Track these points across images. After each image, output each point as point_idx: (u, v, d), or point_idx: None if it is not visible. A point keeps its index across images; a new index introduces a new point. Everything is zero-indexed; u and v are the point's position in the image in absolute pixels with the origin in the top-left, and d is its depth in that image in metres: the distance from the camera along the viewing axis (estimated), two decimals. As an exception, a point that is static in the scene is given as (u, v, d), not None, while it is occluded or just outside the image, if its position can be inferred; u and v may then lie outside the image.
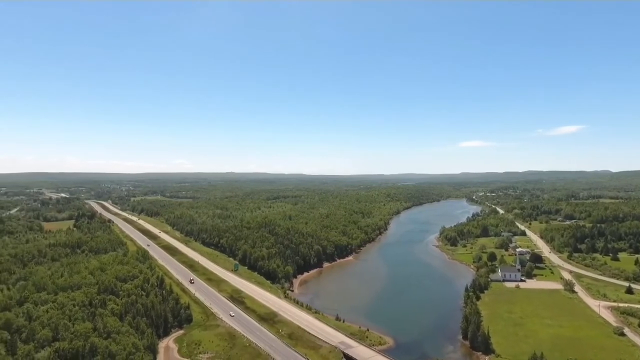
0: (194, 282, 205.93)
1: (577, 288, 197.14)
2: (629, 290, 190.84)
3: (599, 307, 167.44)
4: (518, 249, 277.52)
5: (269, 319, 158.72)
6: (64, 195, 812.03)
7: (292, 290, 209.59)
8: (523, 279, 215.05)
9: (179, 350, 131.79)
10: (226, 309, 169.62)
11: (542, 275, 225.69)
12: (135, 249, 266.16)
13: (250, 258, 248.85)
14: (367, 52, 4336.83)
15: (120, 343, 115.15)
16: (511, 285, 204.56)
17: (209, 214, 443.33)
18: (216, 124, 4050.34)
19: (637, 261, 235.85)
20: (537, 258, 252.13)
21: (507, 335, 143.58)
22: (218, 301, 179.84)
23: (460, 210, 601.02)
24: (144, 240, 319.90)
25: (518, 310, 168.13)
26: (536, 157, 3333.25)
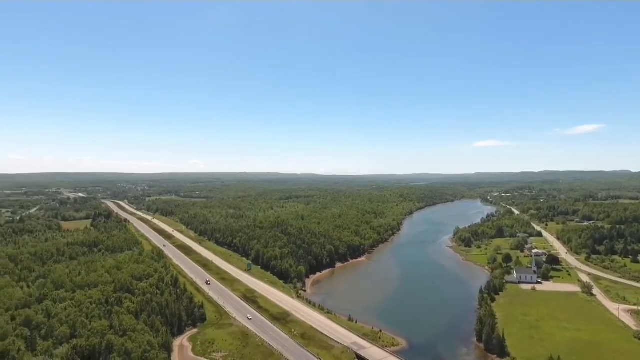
0: (210, 284, 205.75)
1: (596, 291, 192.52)
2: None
3: (619, 311, 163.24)
4: (534, 250, 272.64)
5: (282, 318, 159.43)
6: (81, 195, 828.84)
7: (305, 290, 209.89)
8: (539, 280, 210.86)
9: (193, 349, 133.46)
10: (239, 308, 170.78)
11: (559, 277, 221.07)
12: (150, 248, 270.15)
13: (263, 258, 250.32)
14: (382, 52, 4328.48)
15: (136, 341, 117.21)
16: (527, 287, 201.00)
17: (223, 214, 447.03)
18: (229, 124, 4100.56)
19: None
20: (554, 260, 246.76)
21: (523, 338, 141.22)
22: (231, 300, 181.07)
23: (475, 211, 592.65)
24: (159, 240, 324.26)
25: (534, 312, 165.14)
26: (553, 157, 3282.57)
